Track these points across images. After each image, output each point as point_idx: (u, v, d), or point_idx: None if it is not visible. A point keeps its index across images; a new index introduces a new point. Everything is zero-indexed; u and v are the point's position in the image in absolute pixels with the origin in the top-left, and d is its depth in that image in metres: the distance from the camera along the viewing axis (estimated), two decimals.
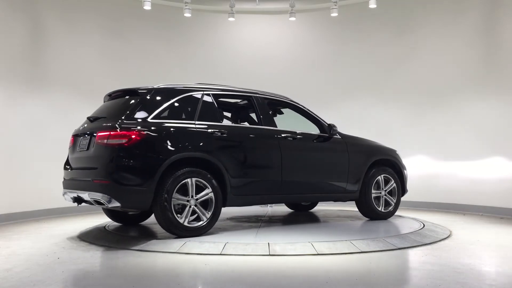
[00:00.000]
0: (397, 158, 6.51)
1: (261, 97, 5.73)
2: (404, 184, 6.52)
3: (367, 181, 6.11)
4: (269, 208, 8.00)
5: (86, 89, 8.17)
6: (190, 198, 4.77)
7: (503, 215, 7.25)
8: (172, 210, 4.64)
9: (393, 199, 6.36)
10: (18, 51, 7.29)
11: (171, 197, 4.64)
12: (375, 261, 4.06)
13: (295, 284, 3.38)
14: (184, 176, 4.73)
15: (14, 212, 6.99)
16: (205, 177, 4.85)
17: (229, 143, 5.13)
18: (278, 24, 9.56)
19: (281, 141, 5.48)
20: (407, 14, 8.84)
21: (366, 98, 9.09)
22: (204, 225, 4.85)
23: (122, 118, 4.72)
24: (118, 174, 4.55)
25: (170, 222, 4.66)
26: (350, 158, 6.00)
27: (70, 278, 3.68)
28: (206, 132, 4.99)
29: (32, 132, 7.40)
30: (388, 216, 6.31)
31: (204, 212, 4.86)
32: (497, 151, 7.57)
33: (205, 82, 6.03)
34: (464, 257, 4.25)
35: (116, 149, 4.55)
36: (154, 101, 4.93)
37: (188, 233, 4.74)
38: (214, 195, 4.89)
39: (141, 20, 8.93)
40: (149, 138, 4.66)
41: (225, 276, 3.58)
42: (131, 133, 4.59)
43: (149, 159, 4.62)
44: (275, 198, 5.74)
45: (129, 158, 4.56)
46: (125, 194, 4.57)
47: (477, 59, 7.91)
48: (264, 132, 5.49)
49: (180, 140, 4.82)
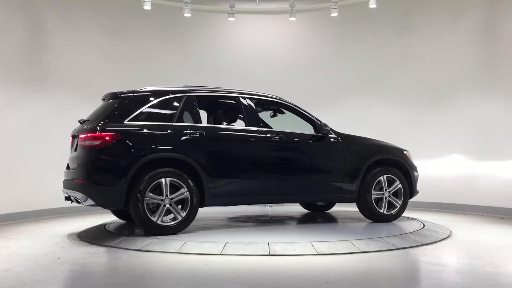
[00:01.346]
0: (404, 158, 6.20)
1: (247, 97, 5.68)
2: (412, 186, 6.20)
3: (367, 182, 5.89)
4: (269, 208, 8.00)
5: (86, 89, 8.17)
6: (165, 197, 4.91)
7: (503, 215, 7.25)
8: (144, 208, 4.81)
9: (398, 201, 6.04)
10: (18, 51, 7.29)
11: (143, 196, 4.81)
12: (375, 261, 4.06)
13: (295, 284, 3.38)
14: (158, 176, 4.88)
15: (14, 212, 6.99)
16: (181, 177, 4.98)
17: (206, 144, 5.20)
18: (278, 24, 9.56)
19: (264, 141, 5.44)
20: (407, 14, 8.84)
21: (366, 98, 9.09)
22: (178, 224, 4.97)
23: (100, 120, 4.99)
24: (93, 174, 4.86)
25: (142, 220, 4.85)
26: (346, 158, 5.83)
27: (70, 278, 3.68)
28: (182, 133, 5.09)
29: (32, 132, 7.40)
30: (391, 218, 6.01)
31: (179, 211, 4.99)
32: (497, 151, 7.56)
33: (204, 83, 6.05)
34: (464, 257, 4.25)
35: (91, 150, 4.86)
36: (133, 104, 5.13)
37: (161, 231, 4.89)
38: (189, 195, 5.00)
39: (141, 20, 8.93)
40: (122, 140, 4.87)
41: (225, 276, 3.58)
42: (105, 135, 4.84)
43: (121, 159, 4.85)
44: (257, 198, 5.68)
45: (102, 159, 4.85)
46: (99, 193, 4.87)
47: (477, 59, 7.91)
48: (245, 133, 5.48)
49: (154, 141, 4.97)
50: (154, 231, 4.89)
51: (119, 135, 4.86)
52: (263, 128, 5.58)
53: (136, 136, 4.92)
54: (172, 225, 4.95)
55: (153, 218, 4.86)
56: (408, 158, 6.27)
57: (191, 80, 8.80)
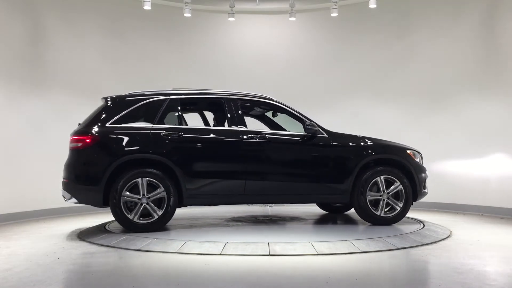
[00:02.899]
0: (407, 158, 5.83)
1: (231, 98, 5.68)
2: (416, 188, 5.80)
3: (362, 182, 5.60)
4: (269, 208, 8.00)
5: (85, 89, 8.17)
6: (142, 196, 5.13)
7: (503, 215, 7.25)
8: (120, 206, 5.09)
9: (398, 203, 5.69)
10: (18, 52, 7.28)
11: (120, 195, 5.08)
12: (375, 261, 4.06)
13: (295, 284, 3.38)
14: (135, 176, 5.13)
15: (14, 212, 6.99)
16: (157, 177, 5.17)
17: (183, 145, 5.33)
18: (278, 24, 9.55)
19: (243, 142, 5.43)
20: (407, 15, 8.83)
21: (366, 98, 9.08)
22: (154, 222, 5.17)
23: (86, 124, 5.37)
24: (74, 174, 5.28)
25: (119, 217, 5.15)
26: (334, 157, 5.65)
27: (70, 278, 3.68)
28: (159, 134, 5.28)
29: (32, 133, 7.40)
30: (390, 221, 5.69)
31: (156, 209, 5.17)
32: (497, 151, 7.56)
33: (204, 82, 6.05)
34: (464, 257, 4.25)
35: (74, 151, 5.30)
36: (117, 107, 5.42)
37: (138, 229, 5.12)
38: (166, 194, 5.17)
39: (141, 20, 8.93)
40: (101, 142, 5.22)
41: (225, 276, 3.58)
42: (85, 137, 5.23)
43: (99, 160, 5.19)
44: (238, 198, 5.64)
45: (82, 160, 5.26)
46: (80, 192, 5.26)
47: (477, 60, 7.90)
48: (224, 133, 5.50)
49: (131, 143, 5.23)
50: (131, 228, 5.13)
51: (98, 137, 5.21)
52: (245, 129, 5.54)
53: (114, 138, 5.22)
54: (147, 224, 5.15)
55: (129, 216, 5.11)
56: (412, 158, 5.90)
57: (190, 80, 8.84)
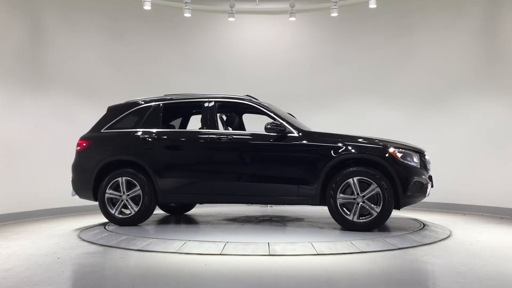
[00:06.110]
0: (385, 158, 5.12)
1: (209, 101, 5.90)
2: (398, 191, 5.08)
3: (333, 184, 5.17)
4: (269, 208, 7.99)
5: (85, 89, 8.18)
6: (122, 193, 5.76)
7: (503, 215, 7.25)
8: (105, 202, 5.79)
9: (375, 208, 5.08)
10: (18, 52, 7.28)
11: (104, 192, 5.78)
12: (375, 261, 4.06)
13: (295, 284, 3.38)
14: (117, 176, 5.77)
15: (14, 212, 6.99)
16: (135, 176, 5.74)
17: (156, 146, 5.81)
18: (278, 24, 9.55)
19: (211, 142, 5.61)
20: (407, 14, 8.83)
21: (366, 98, 9.07)
22: (131, 217, 5.75)
23: (90, 130, 6.18)
24: (75, 173, 6.09)
25: (104, 212, 5.84)
26: (301, 157, 5.35)
27: (70, 278, 3.69)
28: (137, 136, 5.86)
29: (32, 133, 7.40)
30: (364, 228, 5.13)
31: (133, 206, 5.74)
32: (497, 151, 7.56)
33: (204, 82, 6.03)
34: (464, 257, 4.25)
35: (76, 153, 6.13)
36: (112, 114, 6.16)
37: (117, 223, 5.79)
38: (141, 192, 5.70)
39: (141, 20, 8.93)
40: (92, 145, 6.03)
41: (225, 276, 3.58)
42: (82, 141, 6.10)
43: (89, 161, 5.95)
44: (206, 198, 5.87)
45: (79, 161, 6.07)
46: (79, 189, 6.06)
47: (477, 59, 7.90)
48: (194, 135, 5.82)
49: (114, 146, 5.94)
50: (113, 221, 5.83)
51: (90, 142, 6.04)
52: (216, 130, 5.72)
53: (101, 142, 6.00)
54: (125, 218, 5.77)
55: (111, 211, 5.78)
56: (395, 158, 5.14)
57: (191, 80, 8.85)
